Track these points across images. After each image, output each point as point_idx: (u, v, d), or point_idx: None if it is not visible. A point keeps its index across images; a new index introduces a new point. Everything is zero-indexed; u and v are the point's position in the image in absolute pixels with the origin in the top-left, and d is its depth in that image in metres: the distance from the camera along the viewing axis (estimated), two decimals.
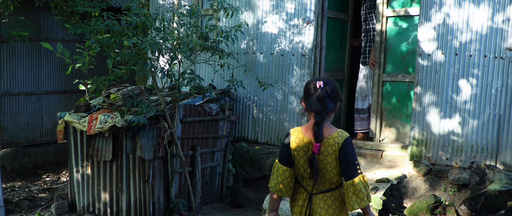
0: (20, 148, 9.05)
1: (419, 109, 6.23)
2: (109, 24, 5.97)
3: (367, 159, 6.68)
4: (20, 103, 9.10)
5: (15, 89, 8.99)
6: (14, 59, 8.91)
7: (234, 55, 7.34)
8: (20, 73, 9.03)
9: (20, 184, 8.73)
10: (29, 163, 9.10)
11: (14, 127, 9.05)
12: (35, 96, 9.29)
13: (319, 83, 3.06)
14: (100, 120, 6.35)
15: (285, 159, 3.14)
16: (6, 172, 8.81)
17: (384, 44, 6.71)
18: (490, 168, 5.43)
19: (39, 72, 9.30)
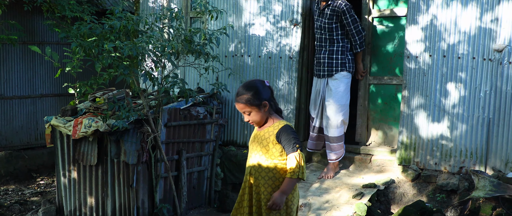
0: (14, 152, 9.04)
1: (407, 112, 6.09)
2: (92, 27, 5.93)
3: (356, 164, 6.55)
4: (15, 107, 9.09)
5: (9, 93, 8.98)
6: (8, 63, 8.90)
7: (222, 58, 7.26)
8: (14, 76, 9.01)
9: (14, 187, 8.71)
10: (23, 167, 9.08)
11: (9, 130, 9.04)
12: (30, 100, 9.27)
13: (267, 81, 3.52)
14: (85, 124, 6.30)
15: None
16: (0, 176, 8.81)
17: (370, 45, 6.57)
18: (476, 174, 5.28)
19: (34, 76, 9.28)
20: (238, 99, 3.44)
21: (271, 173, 3.45)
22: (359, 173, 6.36)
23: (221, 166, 7.14)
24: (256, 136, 3.55)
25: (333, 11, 6.13)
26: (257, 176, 3.50)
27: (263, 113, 3.43)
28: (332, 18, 6.16)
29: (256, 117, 3.45)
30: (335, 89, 6.25)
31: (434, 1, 5.86)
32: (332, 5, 6.14)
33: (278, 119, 3.50)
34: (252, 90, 3.41)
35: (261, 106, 3.41)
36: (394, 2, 6.45)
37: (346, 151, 6.68)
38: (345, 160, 6.60)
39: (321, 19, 6.24)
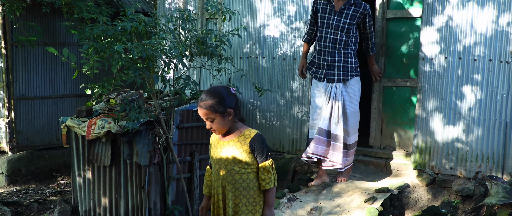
0: (35, 151, 9.18)
1: (422, 115, 5.96)
2: (104, 29, 5.97)
3: (370, 167, 6.44)
4: (36, 107, 9.24)
5: (30, 93, 9.13)
6: (29, 64, 9.04)
7: (237, 59, 7.23)
8: (35, 77, 9.15)
9: (35, 186, 8.85)
10: (44, 166, 9.22)
11: (30, 130, 9.18)
12: (51, 100, 9.40)
13: (233, 89, 3.38)
14: (98, 125, 6.35)
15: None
16: (21, 175, 8.96)
17: (385, 46, 6.44)
18: (489, 179, 5.12)
19: (55, 76, 9.41)
20: (201, 105, 3.27)
21: (245, 183, 3.34)
22: (373, 177, 6.25)
23: None
24: (221, 146, 3.40)
25: (357, 11, 5.75)
26: (232, 188, 3.37)
27: (227, 121, 3.29)
28: (354, 18, 5.75)
29: (219, 125, 3.30)
30: (354, 94, 5.92)
31: (450, 1, 5.71)
32: (357, 5, 5.75)
33: (245, 127, 3.38)
34: (217, 97, 3.26)
35: (225, 113, 3.27)
36: (409, 2, 6.32)
37: (360, 155, 6.58)
38: (359, 163, 6.50)
39: (338, 18, 5.76)
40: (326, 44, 5.85)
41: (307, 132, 6.72)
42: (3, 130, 8.98)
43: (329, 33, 5.82)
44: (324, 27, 5.85)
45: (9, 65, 8.77)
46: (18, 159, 8.90)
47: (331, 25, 5.80)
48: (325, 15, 5.83)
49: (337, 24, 5.77)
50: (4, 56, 8.72)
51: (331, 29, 5.81)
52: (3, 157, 8.94)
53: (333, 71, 5.86)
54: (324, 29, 5.85)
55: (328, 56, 5.86)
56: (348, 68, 5.85)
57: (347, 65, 5.83)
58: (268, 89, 6.69)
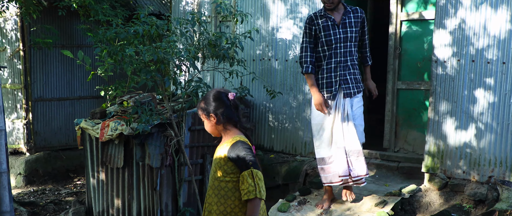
0: (53, 152, 9.31)
1: (435, 119, 5.89)
2: (117, 31, 6.02)
3: (382, 171, 6.40)
4: (53, 108, 9.36)
5: (48, 95, 9.26)
6: (47, 66, 9.17)
7: (249, 62, 7.24)
8: (53, 79, 9.28)
9: (51, 187, 8.97)
10: (61, 167, 9.35)
11: (47, 131, 9.31)
12: (68, 102, 9.52)
13: (231, 94, 3.24)
14: (111, 127, 6.41)
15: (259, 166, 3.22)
16: (39, 175, 9.09)
17: (399, 49, 6.40)
18: (501, 184, 5.05)
19: (72, 78, 9.53)
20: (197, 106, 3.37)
21: (223, 191, 3.22)
22: (385, 180, 6.21)
23: None
24: (216, 150, 3.38)
25: (357, 17, 5.35)
26: (211, 194, 3.30)
27: (212, 125, 3.26)
28: (357, 25, 5.33)
29: (207, 127, 3.33)
30: (360, 108, 5.48)
31: (462, 4, 5.64)
32: (353, 11, 5.36)
33: (234, 134, 3.26)
34: (204, 100, 3.28)
35: (209, 117, 3.25)
36: (423, 5, 6.26)
37: (372, 157, 6.54)
38: (371, 166, 6.46)
39: (343, 30, 5.28)
40: (338, 59, 5.30)
41: None
42: (21, 131, 9.12)
43: (339, 48, 5.30)
44: (332, 43, 5.29)
45: (27, 67, 8.91)
46: (35, 160, 9.04)
47: (339, 39, 5.29)
48: (330, 32, 5.30)
49: (344, 36, 5.29)
50: (22, 58, 8.86)
51: (340, 43, 5.29)
52: (20, 158, 9.08)
53: (348, 85, 5.33)
54: (332, 46, 5.29)
55: (341, 71, 5.31)
56: (358, 79, 5.43)
57: (357, 76, 5.41)
58: (279, 91, 6.68)
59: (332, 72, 5.33)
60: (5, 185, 5.63)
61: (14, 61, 9.01)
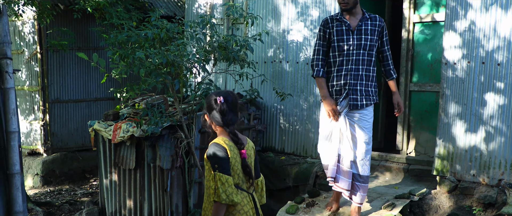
0: (69, 153, 9.45)
1: (445, 121, 5.85)
2: (129, 35, 6.10)
3: (393, 173, 6.37)
4: (70, 110, 9.50)
5: (64, 97, 9.40)
6: (64, 68, 9.31)
7: (261, 64, 7.27)
8: (69, 81, 9.42)
9: (68, 187, 9.11)
10: (77, 167, 9.48)
11: (64, 133, 9.46)
12: (85, 103, 9.66)
13: (219, 99, 3.24)
14: (123, 129, 6.49)
15: (229, 170, 3.20)
16: (55, 176, 9.24)
17: (411, 51, 6.37)
18: (509, 188, 5.00)
19: (89, 80, 9.66)
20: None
21: (206, 192, 3.31)
22: (395, 183, 6.18)
23: None
24: None
25: (375, 25, 4.99)
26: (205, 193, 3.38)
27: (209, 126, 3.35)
28: (374, 33, 4.98)
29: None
30: (370, 120, 5.14)
31: (472, 5, 5.60)
32: (372, 18, 5.01)
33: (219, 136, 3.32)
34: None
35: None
36: (435, 7, 6.23)
37: (383, 160, 6.52)
38: (381, 168, 6.44)
39: (358, 36, 4.95)
40: (349, 67, 4.99)
41: None
42: (38, 132, 9.28)
43: (351, 55, 4.98)
44: (344, 50, 4.99)
45: (44, 70, 9.06)
46: (52, 161, 9.18)
47: (352, 45, 4.97)
48: (343, 37, 4.99)
49: (358, 43, 4.95)
50: (40, 61, 9.01)
51: (352, 50, 4.97)
52: (38, 159, 9.24)
53: (356, 96, 5.00)
54: (345, 52, 4.99)
55: (351, 80, 4.99)
56: (371, 92, 5.07)
57: (369, 89, 5.05)
58: (289, 93, 6.69)
59: (342, 80, 5.00)
60: (18, 186, 5.73)
61: (32, 63, 9.17)
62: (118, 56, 6.18)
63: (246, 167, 3.27)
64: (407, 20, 6.35)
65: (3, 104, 5.81)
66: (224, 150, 3.19)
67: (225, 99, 3.27)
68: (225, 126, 3.25)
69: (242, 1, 7.56)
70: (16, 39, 9.36)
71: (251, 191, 3.38)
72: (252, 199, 3.37)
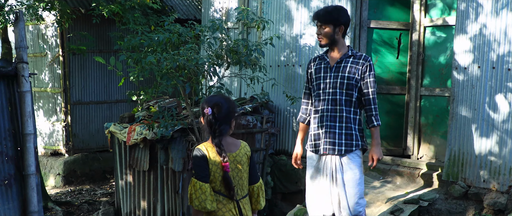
0: (90, 154, 9.66)
1: (455, 126, 5.80)
2: (142, 39, 6.22)
3: (404, 178, 6.34)
4: (91, 111, 9.71)
5: (86, 98, 9.61)
6: (85, 70, 9.52)
7: (274, 68, 7.31)
8: (91, 83, 9.63)
9: (88, 187, 9.31)
10: (98, 168, 9.68)
11: (85, 134, 9.67)
12: (106, 105, 9.85)
13: (206, 110, 3.20)
14: (137, 131, 6.62)
15: (205, 177, 3.17)
16: (76, 176, 9.45)
17: (422, 55, 6.32)
18: None
19: (110, 82, 9.85)
20: None
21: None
22: (405, 188, 6.15)
23: (272, 175, 7.19)
24: None
25: (356, 63, 4.35)
26: None
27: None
28: (353, 72, 4.33)
29: None
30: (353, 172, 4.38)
31: (483, 8, 5.54)
32: (356, 56, 4.38)
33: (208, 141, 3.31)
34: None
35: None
36: (446, 11, 6.18)
37: (394, 164, 6.49)
38: (392, 173, 6.41)
39: (335, 74, 4.37)
40: (325, 107, 4.41)
41: None
42: (60, 133, 9.50)
43: (327, 94, 4.40)
44: (320, 89, 4.44)
45: (66, 72, 9.28)
46: (73, 161, 9.39)
47: (328, 83, 4.40)
48: (320, 74, 4.46)
49: (334, 81, 4.37)
50: (62, 64, 9.23)
51: (328, 89, 4.40)
52: (60, 159, 9.46)
53: (333, 140, 4.36)
54: (320, 91, 4.44)
55: (326, 122, 4.39)
56: (352, 136, 4.38)
57: (351, 132, 4.37)
58: (300, 97, 6.70)
59: (318, 122, 4.45)
60: (33, 187, 5.89)
61: (54, 66, 9.40)
62: (131, 61, 6.30)
63: (226, 179, 3.21)
64: (418, 23, 6.31)
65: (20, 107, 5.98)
66: (204, 157, 3.18)
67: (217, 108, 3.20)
68: (212, 136, 3.21)
69: (257, 6, 7.62)
70: (39, 42, 9.61)
71: (237, 197, 3.29)
72: (237, 206, 3.30)
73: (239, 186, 3.30)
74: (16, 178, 5.80)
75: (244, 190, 3.36)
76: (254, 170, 3.43)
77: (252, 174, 3.41)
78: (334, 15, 4.29)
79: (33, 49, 9.75)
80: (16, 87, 5.86)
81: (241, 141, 3.41)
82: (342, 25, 4.32)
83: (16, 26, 5.71)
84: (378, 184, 6.31)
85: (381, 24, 6.68)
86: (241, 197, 3.33)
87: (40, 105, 9.86)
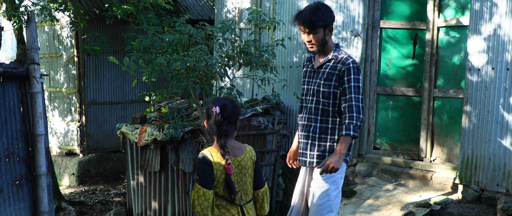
0: (104, 154, 9.70)
1: (469, 128, 5.69)
2: (154, 40, 6.21)
3: (416, 180, 6.24)
4: (106, 112, 9.75)
5: (100, 99, 9.65)
6: (100, 71, 9.57)
7: (287, 68, 7.26)
8: (105, 83, 9.67)
9: (102, 187, 9.35)
10: (112, 168, 9.71)
11: (100, 134, 9.71)
12: (120, 105, 9.89)
13: (215, 109, 3.14)
14: (148, 132, 6.62)
15: (209, 183, 3.13)
16: (90, 176, 9.50)
17: (435, 56, 6.22)
18: None
19: (124, 83, 9.89)
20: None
21: None
22: (417, 191, 6.06)
23: (283, 176, 7.13)
24: None
25: (335, 68, 3.81)
26: None
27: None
28: (330, 79, 3.81)
29: None
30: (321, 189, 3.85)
31: (498, 8, 5.43)
32: (336, 59, 3.82)
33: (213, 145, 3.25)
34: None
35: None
36: (460, 11, 6.07)
37: (407, 167, 6.40)
38: (405, 175, 6.32)
39: (315, 80, 3.93)
40: (302, 116, 4.04)
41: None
42: (75, 133, 9.56)
43: (305, 101, 4.03)
44: (303, 95, 4.08)
45: (81, 72, 9.33)
46: (88, 161, 9.44)
47: (308, 90, 4.01)
48: (305, 79, 4.08)
49: (312, 88, 3.95)
50: (76, 64, 9.28)
51: (308, 96, 4.01)
52: (74, 159, 9.52)
53: (305, 152, 3.96)
54: (303, 98, 4.08)
55: (302, 131, 4.01)
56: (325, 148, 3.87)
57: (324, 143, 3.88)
58: None
59: (300, 130, 4.05)
60: (44, 187, 5.93)
61: (69, 66, 9.45)
62: (142, 61, 6.31)
63: (228, 182, 3.15)
64: (431, 23, 6.21)
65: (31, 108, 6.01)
66: (208, 162, 3.13)
67: (223, 108, 3.16)
68: (218, 137, 3.15)
69: (269, 6, 7.57)
70: (55, 43, 9.68)
71: (241, 202, 3.23)
72: (241, 211, 3.24)
73: (243, 190, 3.24)
74: (28, 178, 5.84)
75: (249, 195, 3.29)
76: (260, 175, 3.35)
77: (257, 179, 3.33)
78: (321, 16, 3.80)
79: (49, 50, 9.83)
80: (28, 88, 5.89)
81: (246, 145, 3.34)
82: (330, 25, 3.85)
83: (28, 28, 5.73)
84: (391, 187, 6.23)
85: (393, 24, 6.60)
86: (245, 202, 3.27)
87: (55, 105, 9.93)
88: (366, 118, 6.72)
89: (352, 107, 3.70)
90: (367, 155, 6.76)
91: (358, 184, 6.32)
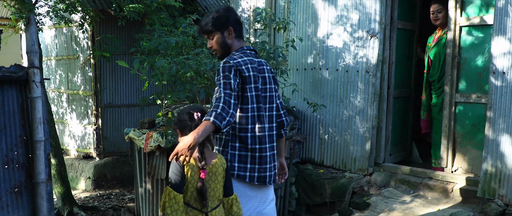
0: (121, 157, 9.50)
1: (492, 137, 5.22)
2: (160, 42, 5.96)
3: (436, 192, 5.79)
4: (122, 115, 9.56)
5: (117, 101, 9.46)
6: (116, 73, 9.38)
7: (301, 71, 6.91)
8: (122, 86, 9.47)
9: (118, 191, 9.16)
10: (129, 172, 9.51)
11: (117, 137, 9.52)
12: (137, 108, 9.68)
13: (197, 114, 3.20)
14: (154, 138, 6.37)
15: (180, 188, 3.15)
16: (106, 180, 9.32)
17: (458, 58, 5.75)
18: None
19: (141, 85, 9.67)
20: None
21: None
22: (436, 204, 5.61)
23: (296, 185, 6.77)
24: None
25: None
26: None
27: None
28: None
29: None
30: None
31: None
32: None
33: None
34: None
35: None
36: (484, 8, 5.58)
37: (426, 177, 5.95)
38: (423, 187, 5.87)
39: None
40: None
41: (368, 149, 6.25)
42: (91, 136, 9.41)
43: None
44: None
45: (97, 75, 9.16)
46: (104, 165, 9.27)
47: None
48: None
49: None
50: (93, 66, 9.12)
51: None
52: (90, 162, 9.37)
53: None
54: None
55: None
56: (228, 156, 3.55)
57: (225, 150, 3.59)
58: (322, 104, 6.25)
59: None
60: (43, 195, 5.73)
61: (86, 68, 9.31)
62: (147, 64, 6.08)
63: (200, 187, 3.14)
64: (453, 22, 5.73)
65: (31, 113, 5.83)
66: (182, 167, 3.14)
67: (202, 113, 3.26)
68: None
69: (284, 6, 7.22)
70: (72, 45, 9.55)
71: (206, 210, 3.21)
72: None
73: (210, 197, 3.23)
74: (27, 186, 5.65)
75: (215, 201, 3.28)
76: (230, 183, 3.39)
77: (227, 186, 3.36)
78: (213, 20, 3.61)
79: (67, 52, 9.70)
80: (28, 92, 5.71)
81: (217, 153, 3.41)
82: (228, 26, 3.59)
83: (28, 31, 5.53)
84: (408, 199, 5.80)
85: (411, 25, 6.17)
86: (211, 209, 3.26)
87: (73, 107, 9.81)
88: (383, 124, 6.30)
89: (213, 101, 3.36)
90: (384, 163, 6.35)
91: (373, 196, 5.91)
